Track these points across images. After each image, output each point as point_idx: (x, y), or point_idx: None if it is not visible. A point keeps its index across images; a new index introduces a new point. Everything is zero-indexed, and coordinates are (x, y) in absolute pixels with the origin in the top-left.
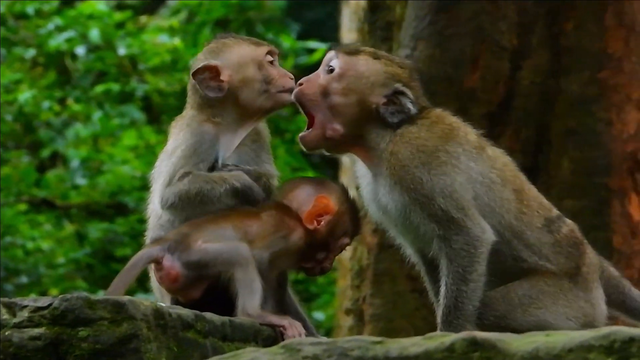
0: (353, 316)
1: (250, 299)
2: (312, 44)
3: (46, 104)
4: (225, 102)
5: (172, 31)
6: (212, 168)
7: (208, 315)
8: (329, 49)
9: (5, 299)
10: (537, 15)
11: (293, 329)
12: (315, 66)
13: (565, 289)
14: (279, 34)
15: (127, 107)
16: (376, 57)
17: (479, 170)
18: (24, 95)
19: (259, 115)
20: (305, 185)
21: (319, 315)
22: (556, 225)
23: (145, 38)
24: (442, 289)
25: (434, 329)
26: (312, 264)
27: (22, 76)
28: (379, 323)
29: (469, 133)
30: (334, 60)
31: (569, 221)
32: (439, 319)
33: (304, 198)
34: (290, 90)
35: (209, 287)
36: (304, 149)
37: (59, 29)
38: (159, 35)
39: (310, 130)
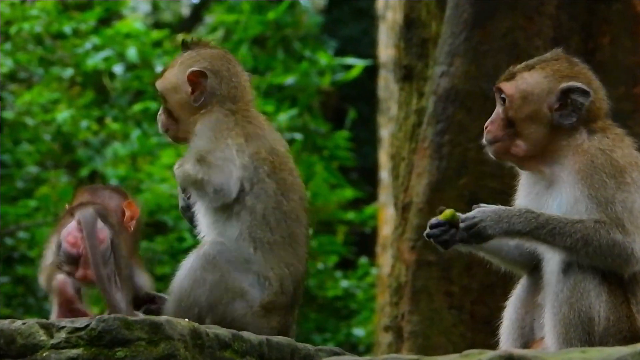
0: (392, 333)
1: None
2: (349, 60)
3: (84, 123)
4: None
5: None
6: None
7: (245, 334)
8: (493, 85)
9: (43, 320)
10: (572, 30)
11: None
12: (352, 82)
13: None
14: (315, 50)
15: None
16: (530, 69)
17: None
18: (62, 114)
19: None
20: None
21: (358, 331)
22: None
23: None
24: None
25: (471, 345)
26: None
27: (60, 96)
28: (417, 340)
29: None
30: (501, 92)
31: None
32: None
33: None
34: None
35: None
36: (492, 156)
37: (96, 48)
38: None
39: (497, 143)
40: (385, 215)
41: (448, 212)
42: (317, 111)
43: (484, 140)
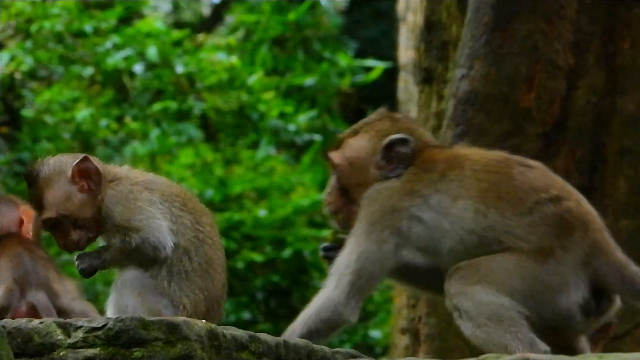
0: (409, 335)
1: None
2: (369, 62)
3: (104, 122)
4: None
5: (229, 49)
6: None
7: (262, 336)
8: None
9: (60, 320)
10: (593, 34)
11: None
12: (372, 84)
13: (526, 266)
14: (335, 52)
15: (185, 125)
16: (355, 134)
17: (443, 208)
18: (82, 113)
19: None
20: None
21: (375, 333)
22: (543, 206)
23: (202, 56)
24: None
25: None
26: None
27: (79, 94)
28: (434, 342)
29: (449, 169)
30: (329, 161)
31: (568, 203)
32: None
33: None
34: None
35: None
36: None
37: (117, 47)
38: (216, 53)
39: (339, 214)
40: None
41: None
42: (336, 112)
43: (327, 211)
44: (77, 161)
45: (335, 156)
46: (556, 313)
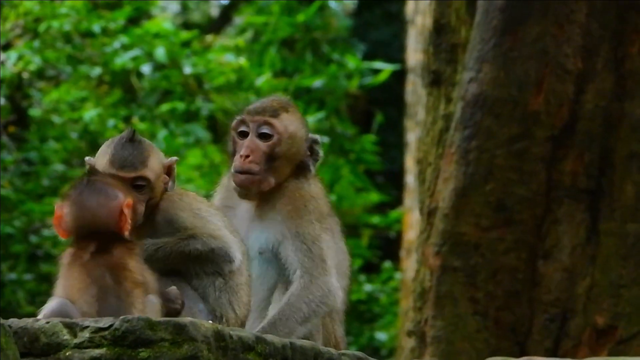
0: (415, 338)
1: None
2: (377, 64)
3: (111, 122)
4: None
5: (237, 50)
6: None
7: (269, 337)
8: (243, 117)
9: (67, 319)
10: (602, 38)
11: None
12: (380, 86)
13: None
14: (344, 53)
15: (192, 126)
16: (285, 110)
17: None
18: (90, 113)
19: None
20: (89, 205)
21: (381, 335)
22: None
23: (210, 57)
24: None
25: (495, 351)
26: None
27: (87, 94)
28: (440, 345)
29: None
30: (266, 126)
31: None
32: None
33: (106, 214)
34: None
35: None
36: (238, 189)
37: (125, 48)
38: (225, 55)
39: (254, 175)
40: (411, 219)
41: None
42: (344, 114)
43: (239, 168)
44: (173, 158)
45: (279, 124)
46: None
